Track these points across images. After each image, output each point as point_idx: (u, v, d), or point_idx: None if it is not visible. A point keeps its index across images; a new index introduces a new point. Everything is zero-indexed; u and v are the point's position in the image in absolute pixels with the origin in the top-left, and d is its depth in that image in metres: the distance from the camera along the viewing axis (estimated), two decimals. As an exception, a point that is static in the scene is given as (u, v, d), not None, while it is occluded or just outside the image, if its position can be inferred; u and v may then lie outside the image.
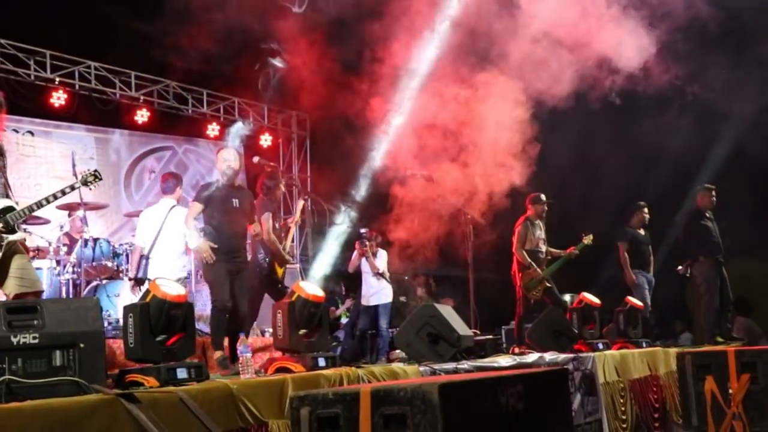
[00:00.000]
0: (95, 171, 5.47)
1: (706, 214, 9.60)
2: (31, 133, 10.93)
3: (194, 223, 6.54)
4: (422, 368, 5.45)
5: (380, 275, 9.16)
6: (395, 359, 6.74)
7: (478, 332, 7.88)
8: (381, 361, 7.69)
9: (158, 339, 4.53)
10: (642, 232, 9.82)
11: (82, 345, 3.79)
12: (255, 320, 7.31)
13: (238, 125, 10.39)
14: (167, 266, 7.44)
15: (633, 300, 8.71)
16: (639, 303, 8.74)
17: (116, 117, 11.63)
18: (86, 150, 11.46)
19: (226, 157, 6.55)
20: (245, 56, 9.06)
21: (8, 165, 5.12)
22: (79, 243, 8.08)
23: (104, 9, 9.05)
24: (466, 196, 8.41)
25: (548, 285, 8.89)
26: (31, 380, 3.63)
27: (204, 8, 7.89)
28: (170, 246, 7.57)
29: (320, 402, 2.93)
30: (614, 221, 10.16)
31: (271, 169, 7.79)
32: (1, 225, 4.82)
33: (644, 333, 8.51)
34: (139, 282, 7.41)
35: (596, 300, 8.13)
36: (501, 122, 8.21)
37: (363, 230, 9.21)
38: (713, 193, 9.64)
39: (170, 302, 4.56)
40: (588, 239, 9.13)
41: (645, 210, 9.87)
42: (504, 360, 6.23)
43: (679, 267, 9.74)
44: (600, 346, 7.61)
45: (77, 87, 10.89)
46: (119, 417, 3.53)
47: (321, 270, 10.46)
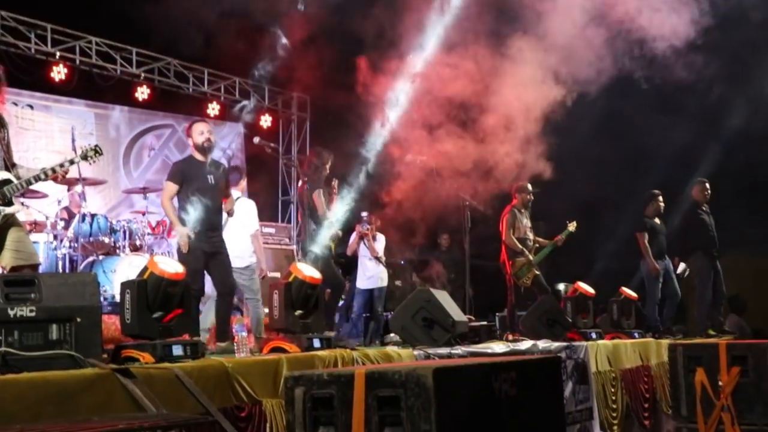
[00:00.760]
0: (96, 146, 5.46)
1: (703, 207, 9.61)
2: (31, 107, 10.89)
3: (171, 205, 6.12)
4: (416, 352, 5.48)
5: (377, 259, 9.18)
6: (390, 342, 6.78)
7: (473, 318, 7.91)
8: (375, 345, 7.72)
9: (155, 316, 4.55)
10: (658, 222, 9.76)
11: (79, 319, 3.82)
12: None
13: (246, 104, 10.30)
14: (233, 256, 6.92)
15: (627, 291, 8.74)
16: (633, 294, 8.77)
17: (116, 93, 11.57)
18: (86, 125, 11.43)
19: (203, 129, 6.19)
20: (247, 35, 9.00)
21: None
22: (77, 218, 8.09)
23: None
24: (468, 182, 8.39)
25: (536, 272, 8.95)
26: (28, 353, 3.65)
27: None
28: (237, 237, 7.14)
29: (315, 382, 2.95)
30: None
31: (316, 150, 7.89)
32: (-1, 197, 4.82)
33: (637, 324, 8.55)
34: None
35: (590, 290, 8.16)
36: (507, 107, 8.11)
37: (363, 213, 9.20)
38: (707, 185, 9.64)
39: (168, 279, 4.57)
40: (572, 226, 9.20)
41: (660, 199, 9.77)
42: (498, 346, 6.26)
43: (678, 271, 9.75)
44: (593, 336, 7.65)
45: (78, 62, 10.83)
46: (114, 391, 3.56)
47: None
